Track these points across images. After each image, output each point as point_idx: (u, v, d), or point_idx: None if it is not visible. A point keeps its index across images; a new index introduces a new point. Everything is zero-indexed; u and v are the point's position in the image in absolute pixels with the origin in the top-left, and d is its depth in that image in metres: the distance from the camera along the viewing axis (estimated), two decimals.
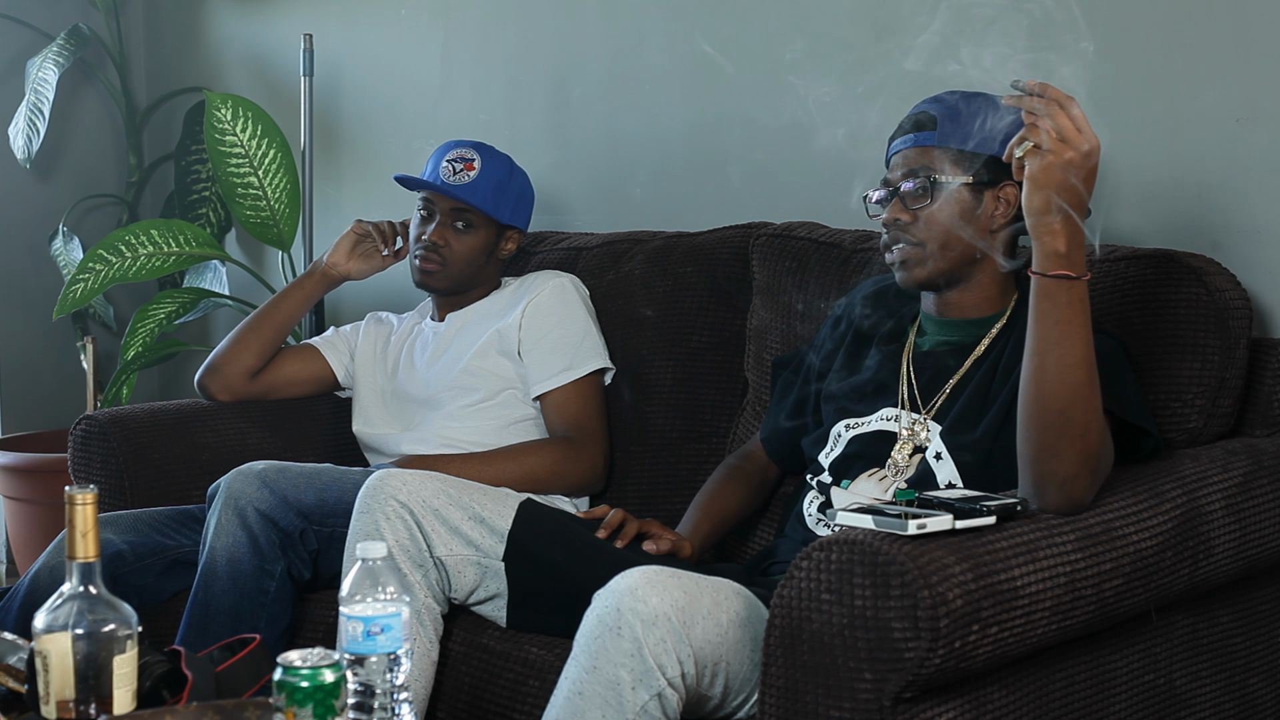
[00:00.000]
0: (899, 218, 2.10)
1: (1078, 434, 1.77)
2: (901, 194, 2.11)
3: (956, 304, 2.14)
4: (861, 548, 1.59)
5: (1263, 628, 2.08)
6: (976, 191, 2.08)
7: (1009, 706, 1.70)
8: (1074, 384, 1.77)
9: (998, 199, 2.08)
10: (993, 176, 2.08)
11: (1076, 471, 1.77)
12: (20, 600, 2.39)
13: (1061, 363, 1.77)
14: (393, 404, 2.78)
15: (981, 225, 2.08)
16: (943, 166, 2.09)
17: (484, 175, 2.72)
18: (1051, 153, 1.73)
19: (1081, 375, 1.77)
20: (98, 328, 4.10)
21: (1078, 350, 1.77)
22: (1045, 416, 1.77)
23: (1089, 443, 1.77)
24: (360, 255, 2.88)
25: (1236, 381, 2.09)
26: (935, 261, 2.09)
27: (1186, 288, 2.08)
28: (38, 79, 3.78)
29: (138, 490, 2.69)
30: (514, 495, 2.18)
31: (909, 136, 2.13)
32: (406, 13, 3.52)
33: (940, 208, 2.08)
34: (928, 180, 2.08)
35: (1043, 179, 1.74)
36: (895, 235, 2.12)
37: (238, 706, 1.55)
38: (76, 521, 1.55)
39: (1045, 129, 1.75)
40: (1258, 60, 2.25)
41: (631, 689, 1.71)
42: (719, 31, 2.93)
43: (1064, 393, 1.77)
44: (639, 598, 1.73)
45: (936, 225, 2.08)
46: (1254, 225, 2.27)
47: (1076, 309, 1.76)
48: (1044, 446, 1.78)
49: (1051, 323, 1.77)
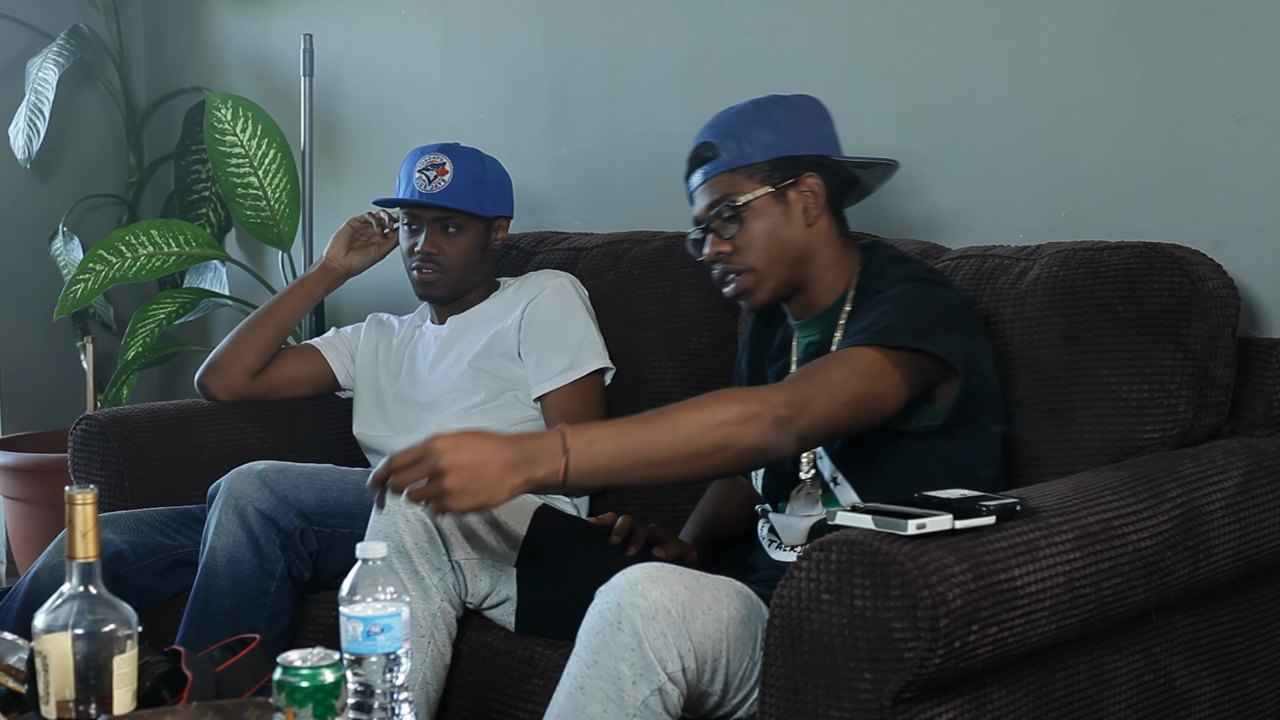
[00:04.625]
0: (720, 251, 2.13)
1: (718, 455, 1.80)
2: (713, 229, 2.13)
3: (808, 304, 2.17)
4: (861, 548, 1.59)
5: (1263, 628, 2.08)
6: (780, 196, 2.11)
7: (1009, 706, 1.70)
8: (679, 462, 1.80)
9: (802, 193, 2.11)
10: (788, 174, 2.11)
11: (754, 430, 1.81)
12: (20, 600, 2.39)
13: (660, 467, 1.80)
14: (394, 407, 2.78)
15: (799, 225, 2.11)
16: (740, 188, 2.12)
17: (458, 176, 2.71)
18: (445, 495, 1.74)
19: (682, 456, 1.80)
20: (98, 328, 4.10)
21: (655, 455, 1.79)
22: (688, 467, 1.82)
23: (733, 438, 1.80)
24: (358, 248, 2.87)
25: (1223, 372, 2.09)
26: (770, 280, 2.13)
27: (1168, 276, 2.09)
28: (38, 79, 3.78)
29: (138, 490, 2.69)
30: (530, 500, 2.19)
31: (698, 173, 2.17)
32: (406, 13, 3.52)
33: (753, 228, 2.11)
34: (730, 208, 2.11)
35: (469, 500, 1.73)
36: (723, 270, 2.16)
37: (238, 706, 1.55)
38: (76, 521, 1.55)
39: (419, 488, 1.76)
40: (1258, 60, 2.25)
41: (632, 683, 1.71)
42: (719, 31, 2.93)
43: (682, 461, 1.80)
44: (639, 592, 1.73)
45: (757, 246, 2.11)
46: (1254, 225, 2.27)
47: (616, 455, 1.78)
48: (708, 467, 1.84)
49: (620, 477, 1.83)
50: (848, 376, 1.88)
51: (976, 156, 2.57)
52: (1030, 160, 2.50)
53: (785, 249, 2.11)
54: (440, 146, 2.75)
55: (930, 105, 2.63)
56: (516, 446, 1.74)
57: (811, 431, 1.85)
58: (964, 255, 2.35)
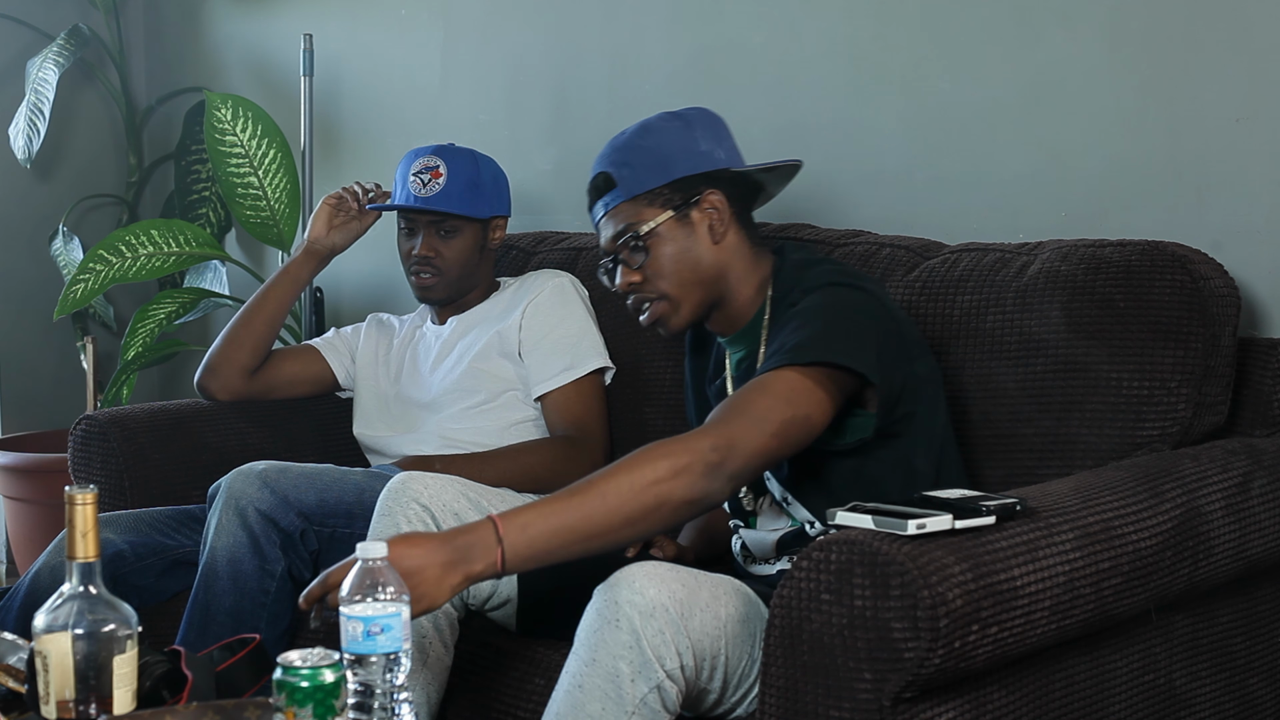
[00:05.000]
0: (630, 282, 2.12)
1: (655, 515, 1.78)
2: (620, 261, 2.12)
3: (729, 320, 2.15)
4: (861, 548, 1.59)
5: (1263, 628, 2.08)
6: (683, 218, 2.09)
7: (1009, 706, 1.70)
8: (616, 529, 1.77)
9: (705, 211, 2.09)
10: (688, 194, 2.09)
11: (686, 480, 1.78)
12: (20, 600, 2.39)
13: (599, 538, 1.78)
14: (395, 407, 2.78)
15: (706, 244, 2.09)
16: (641, 216, 2.10)
17: (452, 178, 2.70)
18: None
19: (618, 522, 1.77)
20: (98, 328, 4.10)
21: (591, 526, 1.76)
22: (627, 532, 1.79)
23: (666, 495, 1.77)
24: (339, 225, 2.83)
25: (1224, 370, 2.09)
26: (685, 304, 2.11)
27: (1170, 275, 2.08)
28: (38, 79, 3.78)
29: (138, 490, 2.70)
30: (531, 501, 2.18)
31: (598, 205, 2.15)
32: (406, 13, 3.52)
33: (660, 255, 2.09)
34: (634, 238, 2.09)
35: (412, 609, 1.66)
36: (637, 299, 2.14)
37: (238, 706, 1.55)
38: (76, 521, 1.55)
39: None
40: (1258, 60, 2.25)
41: (631, 681, 1.71)
42: (719, 31, 2.93)
43: (619, 527, 1.78)
44: (636, 590, 1.73)
45: (667, 272, 2.09)
46: (1254, 225, 2.27)
47: (551, 535, 1.75)
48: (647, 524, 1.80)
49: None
50: (770, 405, 1.85)
51: (976, 156, 2.57)
52: (1030, 160, 2.50)
53: (695, 271, 2.09)
54: (434, 149, 2.75)
55: (931, 105, 2.63)
56: (450, 545, 1.70)
57: (743, 470, 1.83)
58: (964, 249, 2.35)
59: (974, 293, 2.25)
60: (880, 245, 2.43)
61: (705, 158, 2.12)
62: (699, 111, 2.18)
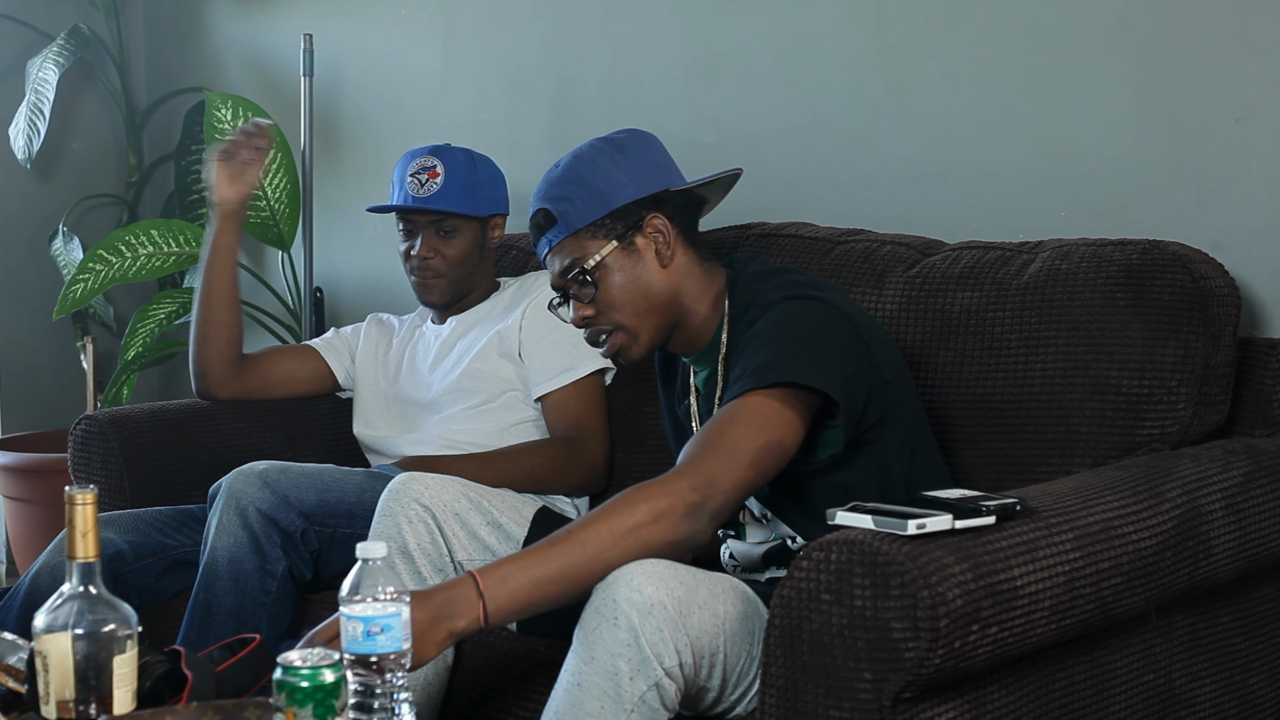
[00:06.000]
0: (585, 315, 2.10)
1: (640, 557, 1.77)
2: (572, 296, 2.10)
3: (689, 340, 2.12)
4: (861, 548, 1.59)
5: (1263, 628, 2.08)
6: (628, 246, 2.07)
7: (1009, 706, 1.70)
8: (598, 576, 1.76)
9: (649, 235, 2.07)
10: (629, 221, 2.07)
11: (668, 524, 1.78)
12: (20, 600, 2.39)
13: (581, 587, 1.77)
14: (394, 407, 2.78)
15: (654, 270, 2.07)
16: (585, 249, 2.07)
17: (450, 178, 2.70)
18: None
19: (599, 570, 1.76)
20: (98, 328, 4.10)
21: (572, 576, 1.76)
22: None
23: (648, 540, 1.77)
24: (237, 176, 2.68)
25: (1224, 369, 2.09)
26: (643, 332, 2.09)
27: (1170, 274, 2.09)
28: (38, 79, 3.78)
29: (138, 490, 2.70)
30: (531, 503, 2.19)
31: (542, 242, 2.12)
32: (406, 13, 3.52)
33: (610, 286, 2.07)
34: (581, 272, 2.07)
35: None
36: (594, 333, 2.12)
37: (238, 706, 1.55)
38: (76, 521, 1.55)
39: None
40: (1258, 60, 2.25)
41: (629, 679, 1.71)
42: (719, 31, 2.93)
43: (600, 575, 1.76)
44: (635, 587, 1.73)
45: (619, 302, 2.07)
46: (1254, 225, 2.27)
47: (532, 587, 1.74)
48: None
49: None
50: (742, 435, 1.84)
51: (977, 156, 2.57)
52: (1031, 160, 2.50)
53: (648, 298, 2.08)
54: (430, 149, 2.74)
55: (930, 104, 2.63)
56: (432, 602, 1.70)
57: (724, 507, 1.82)
58: (965, 247, 2.35)
59: (975, 290, 2.25)
60: (881, 243, 2.43)
61: (642, 181, 2.09)
62: (631, 134, 2.15)
